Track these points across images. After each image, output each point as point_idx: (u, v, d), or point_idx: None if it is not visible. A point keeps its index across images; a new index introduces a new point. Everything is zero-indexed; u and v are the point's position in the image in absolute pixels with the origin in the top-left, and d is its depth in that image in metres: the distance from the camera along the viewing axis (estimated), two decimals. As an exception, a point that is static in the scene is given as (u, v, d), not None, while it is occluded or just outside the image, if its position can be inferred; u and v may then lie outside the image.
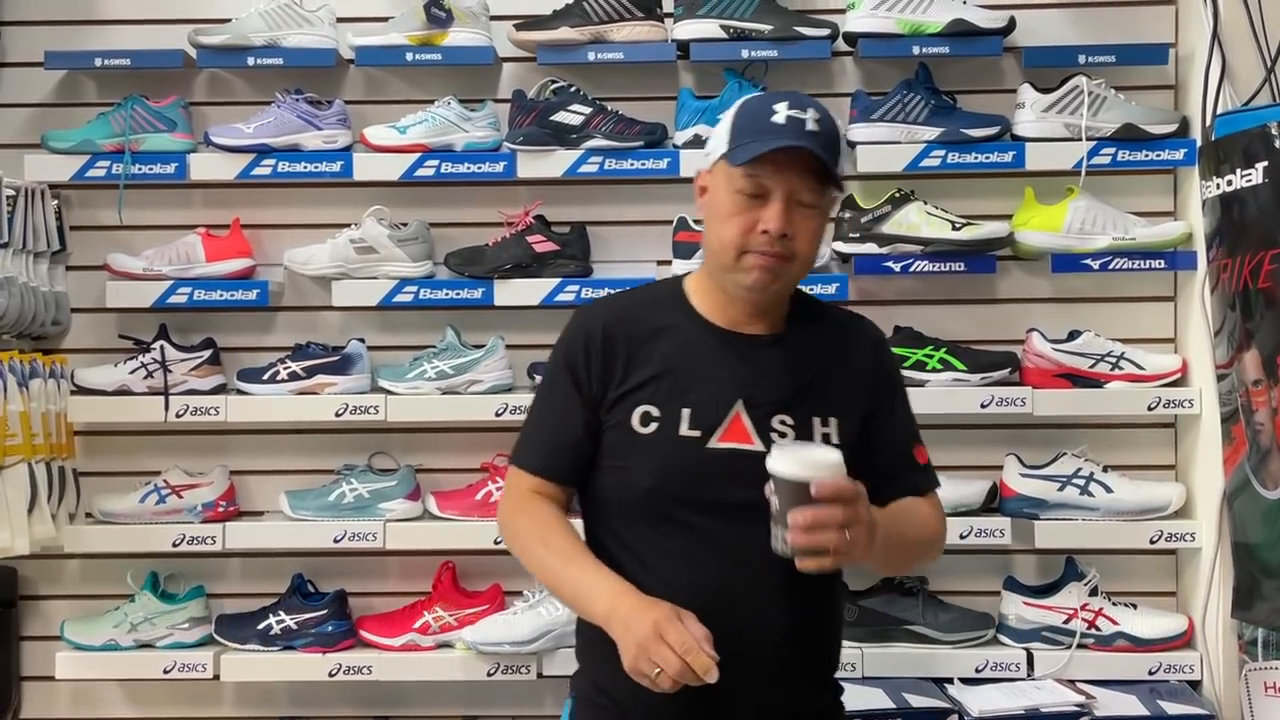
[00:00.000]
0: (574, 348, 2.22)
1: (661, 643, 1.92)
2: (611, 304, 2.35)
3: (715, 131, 2.22)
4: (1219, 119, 3.10)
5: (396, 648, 3.32)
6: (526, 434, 2.29)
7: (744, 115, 2.17)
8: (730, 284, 2.17)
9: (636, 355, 2.19)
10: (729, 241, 2.13)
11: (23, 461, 3.16)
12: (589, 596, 2.08)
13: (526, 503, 2.23)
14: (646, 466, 2.14)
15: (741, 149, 2.12)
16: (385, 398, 3.33)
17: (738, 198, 2.13)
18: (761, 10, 3.33)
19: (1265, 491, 2.90)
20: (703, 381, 2.17)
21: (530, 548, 2.20)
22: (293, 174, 3.37)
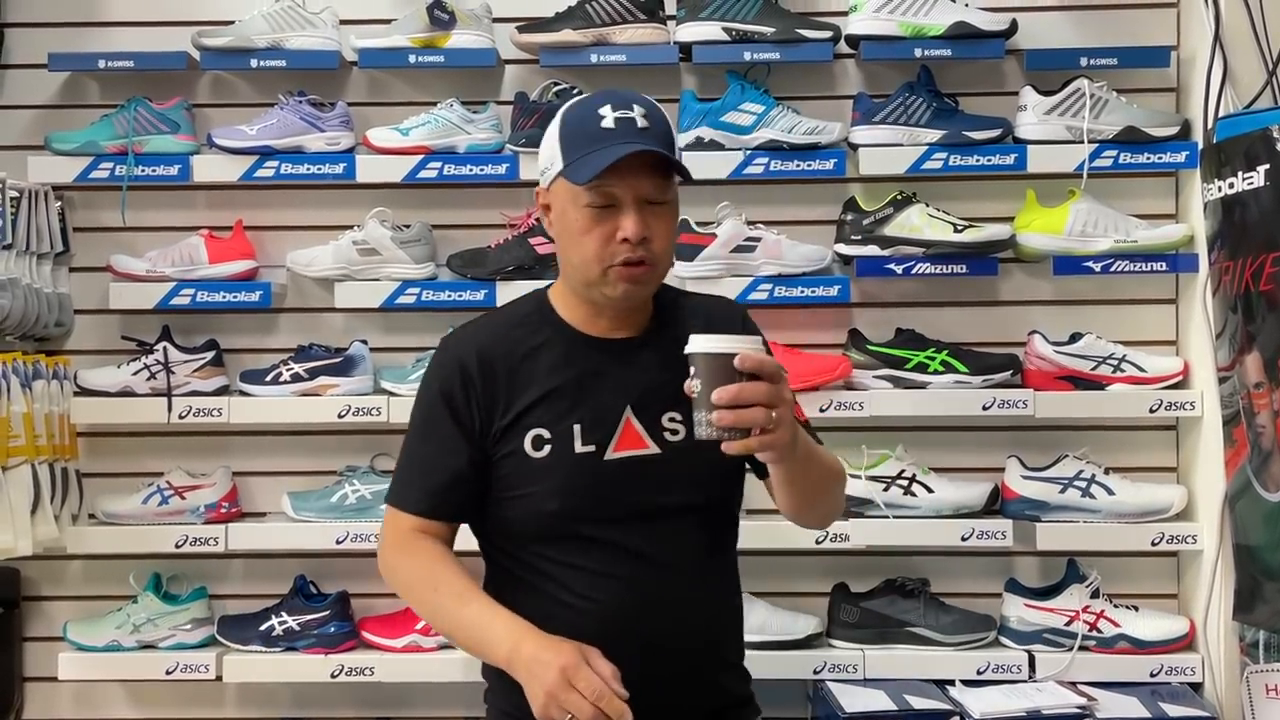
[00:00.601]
0: (449, 379, 2.15)
1: (571, 689, 1.89)
2: (479, 329, 2.26)
3: (543, 147, 2.15)
4: (1220, 122, 3.10)
5: (399, 649, 3.32)
6: (403, 472, 2.21)
7: (570, 126, 2.10)
8: (598, 297, 2.13)
9: (516, 378, 2.14)
10: (590, 257, 2.08)
11: (26, 462, 3.17)
12: (487, 640, 2.04)
13: (409, 543, 2.16)
14: (548, 490, 2.10)
15: (580, 164, 2.05)
16: (388, 399, 3.34)
17: (587, 212, 2.08)
18: (764, 13, 3.33)
19: (1267, 494, 2.91)
20: (588, 394, 2.14)
21: (418, 592, 2.16)
22: (295, 176, 3.37)
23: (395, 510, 2.20)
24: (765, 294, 3.30)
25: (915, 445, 3.36)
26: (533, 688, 1.94)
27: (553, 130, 2.13)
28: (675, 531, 2.14)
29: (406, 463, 2.22)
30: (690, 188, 3.37)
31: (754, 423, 1.91)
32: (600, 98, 2.13)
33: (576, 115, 2.13)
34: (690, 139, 3.32)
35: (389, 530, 2.21)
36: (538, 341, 2.18)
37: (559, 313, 2.21)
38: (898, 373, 3.31)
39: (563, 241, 2.15)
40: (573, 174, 2.07)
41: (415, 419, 2.22)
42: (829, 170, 3.33)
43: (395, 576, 2.20)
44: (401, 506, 2.19)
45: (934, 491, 3.29)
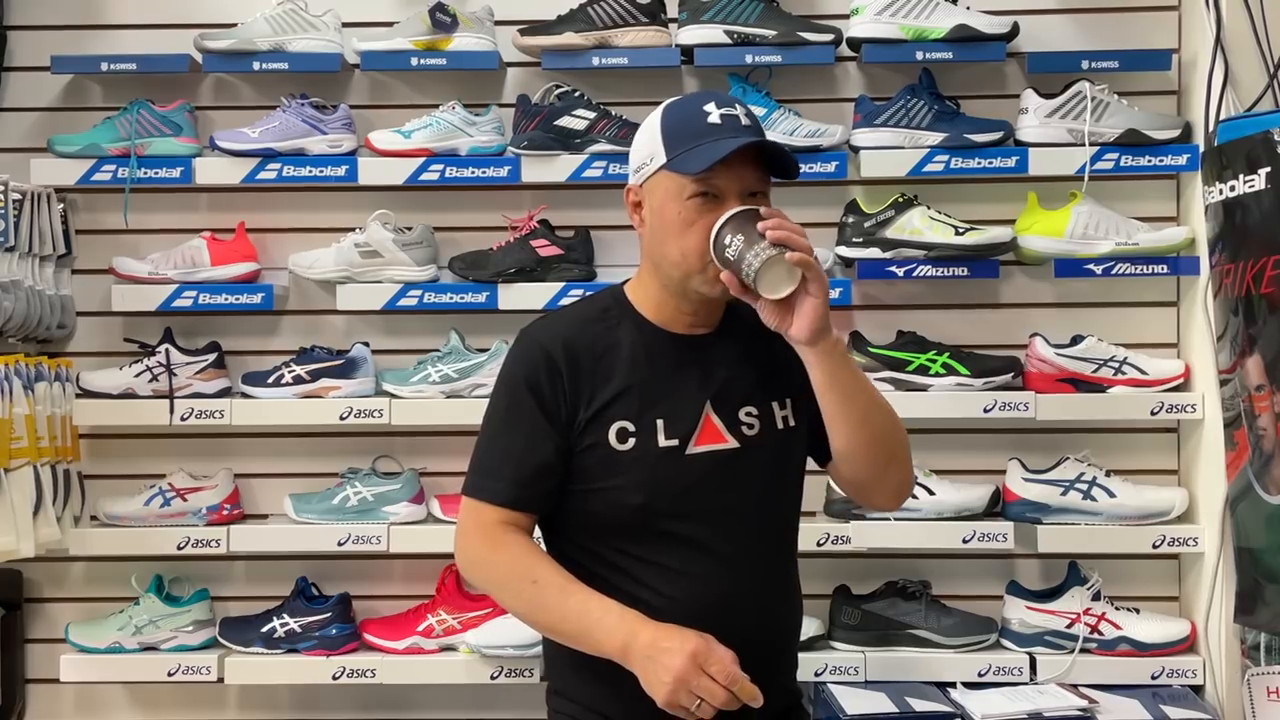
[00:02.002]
0: (534, 368, 2.14)
1: (703, 674, 1.92)
2: (559, 321, 2.27)
3: (638, 145, 2.17)
4: (1222, 125, 3.10)
5: (400, 651, 3.33)
6: (485, 463, 2.17)
7: (673, 121, 2.12)
8: (691, 292, 2.13)
9: (599, 371, 2.14)
10: (694, 250, 2.09)
11: (28, 464, 3.17)
12: (596, 630, 2.02)
13: (497, 537, 2.13)
14: (632, 483, 2.11)
15: (689, 156, 2.07)
16: (389, 401, 3.34)
17: (692, 205, 2.08)
18: (765, 16, 3.34)
19: (1268, 496, 2.90)
20: (670, 389, 2.15)
21: (514, 585, 2.12)
22: (298, 178, 3.38)
23: (478, 502, 2.15)
24: (767, 296, 3.30)
25: (917, 447, 3.26)
26: (656, 673, 1.94)
27: (651, 127, 2.14)
28: (749, 529, 2.16)
29: (489, 453, 2.17)
30: (692, 190, 3.40)
31: (799, 242, 2.02)
32: (703, 96, 2.15)
33: (679, 112, 2.14)
34: (692, 141, 3.32)
35: (471, 523, 2.16)
36: (618, 336, 2.18)
37: (637, 308, 2.21)
38: (899, 375, 3.31)
39: (660, 235, 2.13)
40: (682, 164, 2.07)
41: (497, 409, 2.18)
42: (830, 173, 3.33)
43: (482, 571, 2.16)
44: (487, 499, 2.14)
45: (935, 494, 3.29)
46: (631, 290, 2.24)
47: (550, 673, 2.24)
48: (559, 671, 2.21)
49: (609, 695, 2.06)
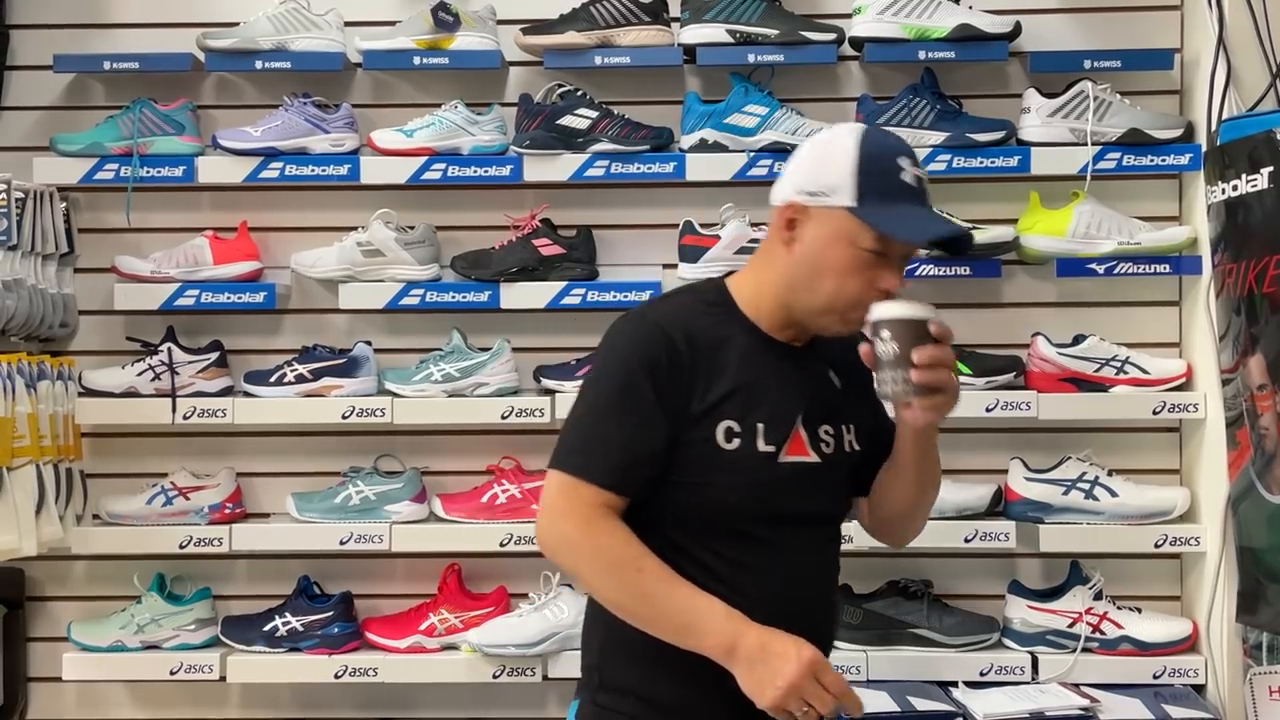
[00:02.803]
0: (654, 354, 2.08)
1: (815, 682, 1.95)
2: (675, 307, 2.20)
3: (819, 167, 2.10)
4: (1224, 124, 3.10)
5: (402, 650, 3.33)
6: (593, 442, 2.09)
7: (870, 165, 2.08)
8: (818, 326, 2.15)
9: (714, 365, 2.11)
10: (846, 295, 2.08)
11: (30, 463, 3.17)
12: (700, 625, 2.01)
13: (598, 520, 2.05)
14: (732, 482, 2.10)
15: (894, 218, 2.06)
16: (391, 400, 3.34)
17: (861, 255, 2.07)
18: (768, 15, 3.34)
19: (1270, 496, 2.91)
20: (770, 395, 2.14)
21: (617, 572, 2.05)
22: (300, 177, 3.38)
23: (577, 481, 2.06)
24: (769, 296, 3.30)
25: None
26: (767, 677, 1.96)
27: (843, 158, 2.09)
28: (818, 538, 2.20)
29: (593, 432, 2.10)
30: (694, 189, 3.43)
31: (943, 382, 2.03)
32: (895, 144, 2.13)
33: (876, 156, 2.09)
34: (694, 141, 3.33)
35: (564, 501, 2.07)
36: (728, 332, 2.15)
37: (742, 309, 2.19)
38: (901, 374, 3.30)
39: (816, 267, 2.10)
40: (885, 224, 2.06)
41: (605, 387, 2.12)
42: (833, 172, 3.33)
43: (577, 552, 2.08)
44: (588, 478, 2.06)
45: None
46: (737, 290, 2.21)
47: (605, 667, 2.19)
48: (618, 658, 2.17)
49: (667, 684, 2.08)
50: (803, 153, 2.17)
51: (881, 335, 2.04)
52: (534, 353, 3.43)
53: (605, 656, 2.20)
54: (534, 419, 3.31)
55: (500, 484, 3.36)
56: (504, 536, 3.30)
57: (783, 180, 2.16)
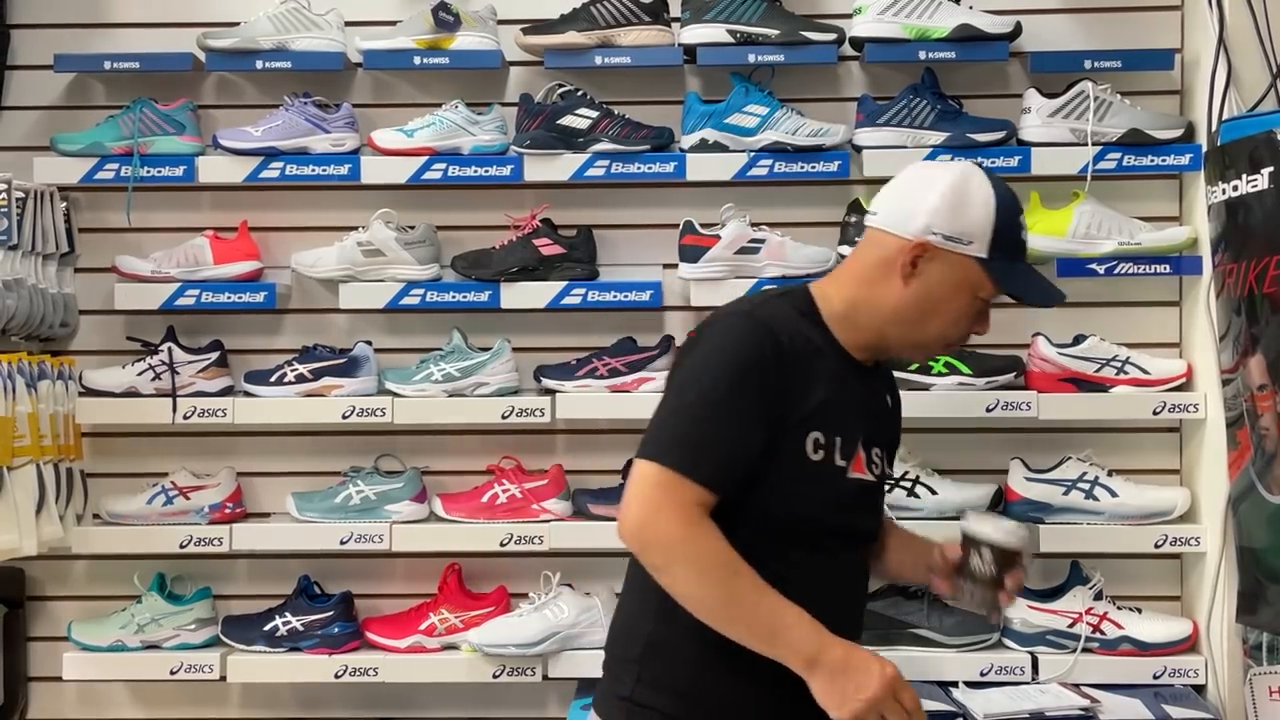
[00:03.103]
0: (764, 355, 2.08)
1: (895, 700, 2.00)
2: (779, 312, 2.17)
3: (958, 212, 2.14)
4: (1225, 124, 3.10)
5: (402, 649, 3.33)
6: (697, 439, 2.05)
7: (1006, 221, 2.17)
8: (904, 355, 2.28)
9: (808, 375, 2.12)
10: (952, 339, 2.23)
11: (31, 463, 3.17)
12: (790, 634, 2.02)
13: (697, 519, 2.02)
14: (814, 495, 2.13)
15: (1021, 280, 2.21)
16: (392, 400, 3.34)
17: (977, 304, 2.20)
18: (768, 15, 3.34)
19: (1270, 496, 2.91)
20: (846, 411, 2.16)
21: (716, 572, 2.03)
22: (300, 177, 3.38)
23: (679, 477, 2.02)
24: (769, 296, 3.30)
25: (919, 447, 3.36)
26: (846, 688, 1.99)
27: (982, 208, 2.15)
28: (865, 556, 2.31)
29: (702, 429, 2.06)
30: (694, 189, 3.42)
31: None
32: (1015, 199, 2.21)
33: (1009, 211, 2.18)
34: (695, 141, 3.33)
35: (665, 498, 2.02)
36: (819, 344, 2.17)
37: (826, 321, 2.20)
38: (901, 374, 3.30)
39: (925, 304, 2.17)
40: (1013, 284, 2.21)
41: (716, 383, 2.07)
42: (833, 172, 3.33)
43: (679, 550, 2.03)
44: (691, 475, 2.02)
45: (938, 493, 3.30)
46: (824, 302, 2.21)
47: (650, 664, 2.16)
48: (670, 665, 2.15)
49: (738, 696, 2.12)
50: (935, 188, 2.17)
51: (982, 555, 2.25)
52: (534, 352, 3.43)
53: (651, 653, 2.16)
54: (534, 419, 3.31)
55: (500, 484, 3.36)
56: (504, 536, 3.30)
57: (906, 210, 2.18)
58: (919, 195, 2.18)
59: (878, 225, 2.23)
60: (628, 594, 2.25)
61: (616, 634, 2.26)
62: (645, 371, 3.33)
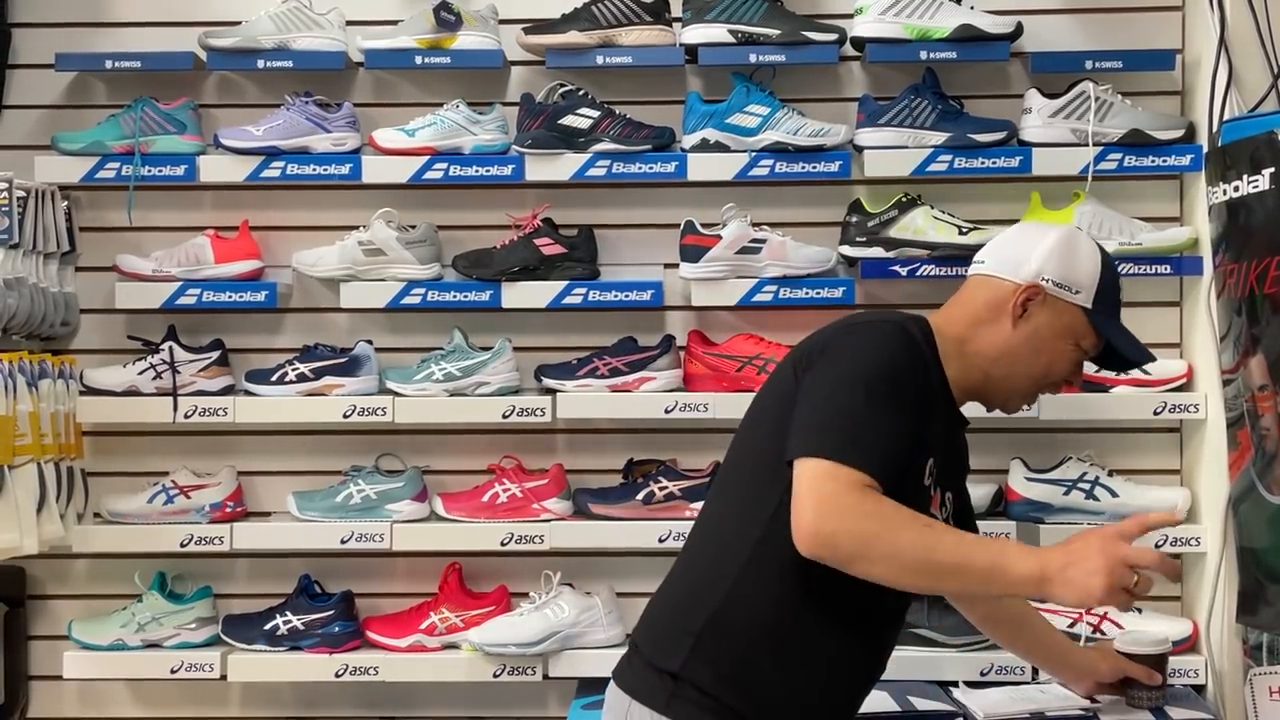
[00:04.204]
0: (916, 367, 2.14)
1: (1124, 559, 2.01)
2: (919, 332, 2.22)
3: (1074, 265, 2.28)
4: (1226, 125, 3.10)
5: (403, 649, 3.33)
6: (861, 435, 2.06)
7: (1110, 277, 2.31)
8: (999, 399, 2.31)
9: (933, 401, 2.18)
10: (1049, 383, 2.33)
11: (31, 461, 3.17)
12: (1009, 558, 2.04)
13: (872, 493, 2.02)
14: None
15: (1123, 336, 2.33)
16: (393, 399, 3.34)
17: (1077, 354, 2.28)
18: (769, 15, 3.34)
19: (1271, 496, 2.90)
20: (941, 447, 2.23)
21: (909, 529, 2.02)
22: (301, 176, 3.38)
23: (852, 470, 2.02)
24: (770, 296, 3.30)
25: None
26: (1081, 574, 2.00)
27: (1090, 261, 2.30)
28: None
29: (868, 426, 2.06)
30: (695, 189, 3.42)
31: None
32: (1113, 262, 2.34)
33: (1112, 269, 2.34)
34: (695, 141, 3.33)
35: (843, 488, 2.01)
36: (939, 376, 2.22)
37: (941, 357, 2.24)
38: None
39: (1031, 348, 2.27)
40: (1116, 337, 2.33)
41: (873, 383, 2.09)
42: (834, 172, 3.33)
43: (872, 517, 2.01)
44: (860, 466, 2.02)
45: None
46: (939, 338, 2.25)
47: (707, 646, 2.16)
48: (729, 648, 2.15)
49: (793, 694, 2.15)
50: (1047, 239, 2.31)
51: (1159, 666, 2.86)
52: (535, 352, 3.43)
53: (713, 629, 2.16)
54: (535, 418, 3.31)
55: (501, 483, 3.36)
56: (505, 536, 3.30)
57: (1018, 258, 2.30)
58: (1031, 244, 2.31)
59: (986, 272, 2.33)
60: (690, 568, 2.26)
61: (671, 605, 2.25)
62: (646, 371, 3.33)
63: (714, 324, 3.44)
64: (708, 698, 2.13)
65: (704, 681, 2.14)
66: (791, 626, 2.14)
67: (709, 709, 2.13)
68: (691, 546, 2.31)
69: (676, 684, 2.15)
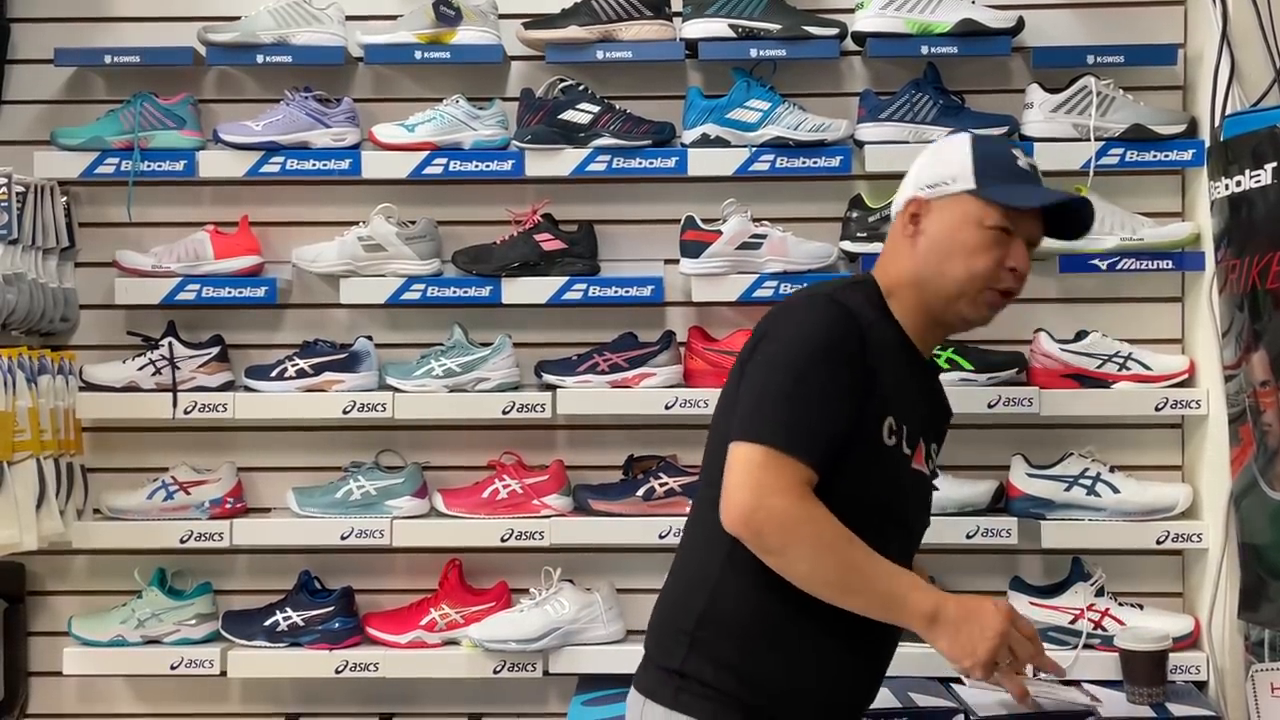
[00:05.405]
0: (850, 339, 2.14)
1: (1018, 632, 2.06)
2: (857, 299, 2.23)
3: (937, 163, 2.26)
4: (1228, 120, 3.09)
5: (403, 645, 3.33)
6: (802, 420, 2.08)
7: (986, 156, 2.24)
8: (952, 314, 2.24)
9: (882, 361, 2.17)
10: (979, 274, 2.20)
11: (31, 457, 3.17)
12: (909, 594, 2.07)
13: (811, 497, 2.06)
14: (884, 478, 2.17)
15: (1015, 192, 2.20)
16: (393, 395, 3.34)
17: (989, 234, 2.19)
18: (770, 9, 3.33)
19: (1272, 492, 2.90)
20: (913, 402, 2.22)
21: (836, 547, 2.06)
22: (301, 171, 3.37)
23: (785, 457, 2.05)
24: (770, 291, 3.30)
25: None
26: (973, 634, 2.04)
27: (959, 151, 2.25)
28: (910, 547, 2.31)
29: (805, 410, 2.09)
30: (696, 184, 3.42)
31: None
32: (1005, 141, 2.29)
33: (989, 147, 2.27)
34: (696, 136, 3.32)
35: (777, 479, 2.05)
36: (890, 331, 2.23)
37: (895, 314, 2.26)
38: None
39: (939, 254, 2.22)
40: (1006, 196, 2.20)
41: (813, 367, 2.11)
42: (835, 167, 3.33)
43: (804, 528, 2.05)
44: (796, 453, 2.06)
45: (939, 489, 3.27)
46: (887, 293, 2.27)
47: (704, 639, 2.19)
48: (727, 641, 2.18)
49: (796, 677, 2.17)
50: (917, 162, 2.32)
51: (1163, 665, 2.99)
52: (535, 348, 3.42)
53: (703, 625, 2.19)
54: (535, 414, 3.30)
55: (501, 479, 3.35)
56: (505, 532, 3.30)
57: (901, 190, 2.30)
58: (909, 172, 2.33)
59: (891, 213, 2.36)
60: (682, 567, 2.29)
61: (668, 606, 2.29)
62: (646, 367, 3.33)
63: (714, 320, 3.44)
64: (711, 689, 2.17)
65: (706, 675, 2.17)
66: (779, 613, 2.15)
67: (713, 699, 2.16)
68: (683, 543, 2.34)
69: (682, 679, 2.19)
